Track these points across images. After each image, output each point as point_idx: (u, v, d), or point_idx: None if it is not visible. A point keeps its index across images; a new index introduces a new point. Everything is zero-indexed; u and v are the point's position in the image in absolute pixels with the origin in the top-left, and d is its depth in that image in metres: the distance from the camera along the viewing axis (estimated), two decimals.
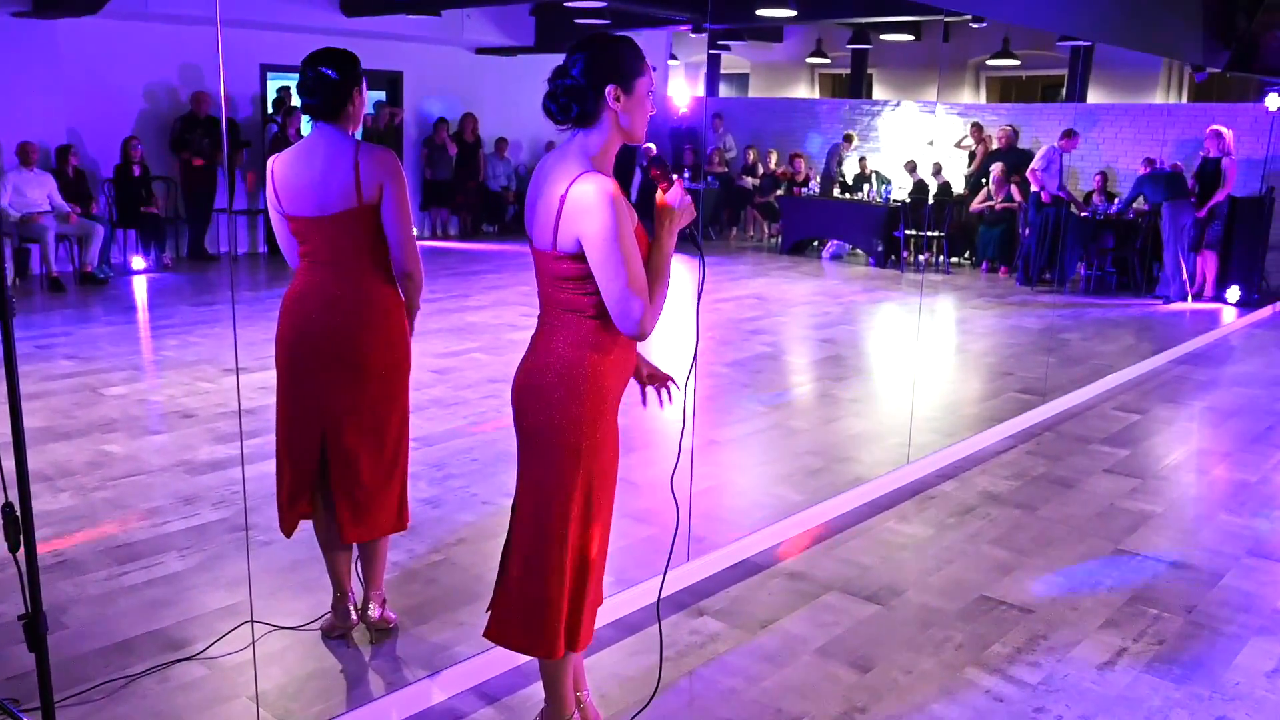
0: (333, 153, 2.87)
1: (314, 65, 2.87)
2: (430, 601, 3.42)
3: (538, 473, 2.38)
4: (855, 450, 5.21)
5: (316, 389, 2.94)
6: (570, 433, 2.31)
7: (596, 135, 2.26)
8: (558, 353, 2.31)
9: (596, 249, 2.19)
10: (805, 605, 3.49)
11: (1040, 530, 4.21)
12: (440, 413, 5.51)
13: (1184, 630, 3.39)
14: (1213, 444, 5.51)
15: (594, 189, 2.17)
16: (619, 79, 2.22)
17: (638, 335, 2.24)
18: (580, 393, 2.29)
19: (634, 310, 2.20)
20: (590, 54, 2.23)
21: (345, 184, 2.86)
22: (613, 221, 2.16)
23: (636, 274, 2.20)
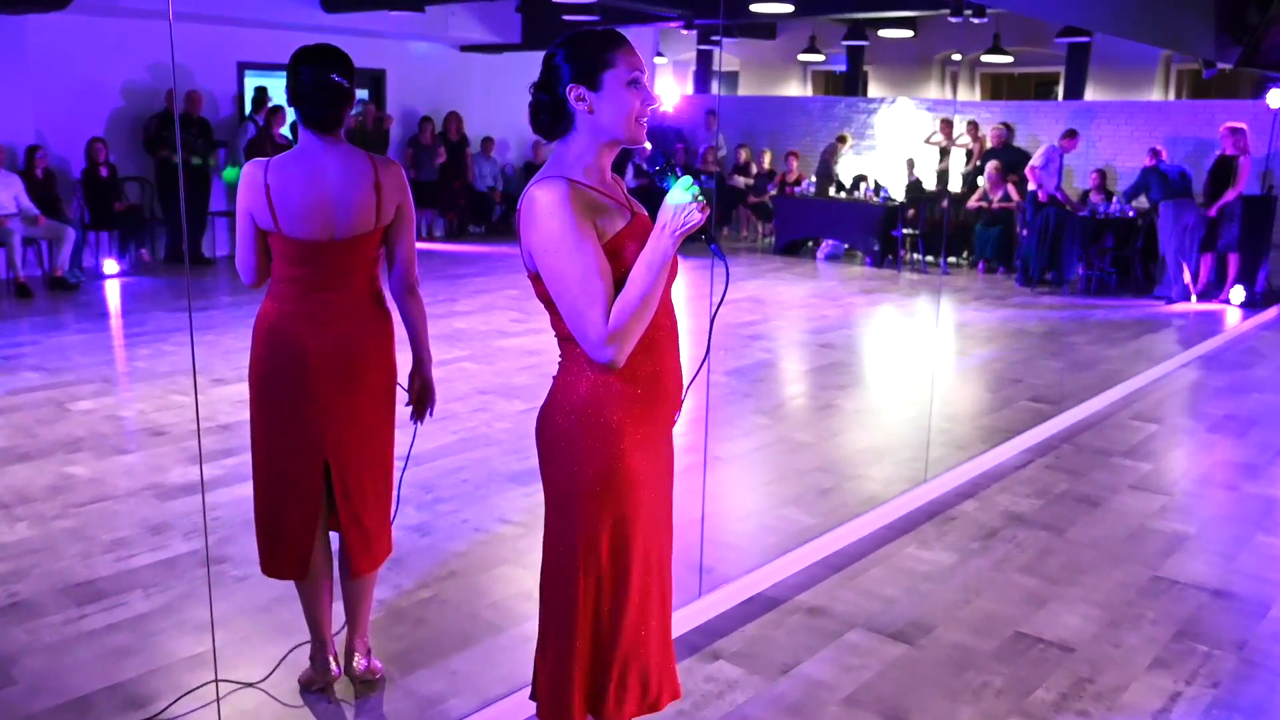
0: (349, 171, 2.60)
1: (320, 68, 2.55)
2: (420, 646, 3.13)
3: (551, 522, 2.09)
4: (866, 466, 4.95)
5: (318, 417, 2.67)
6: (580, 477, 2.00)
7: (573, 144, 1.99)
8: (565, 385, 2.03)
9: (542, 263, 1.91)
10: (827, 645, 3.22)
11: (1071, 555, 3.95)
12: (427, 428, 5.15)
13: (1238, 670, 3.13)
14: (1238, 456, 5.26)
15: (538, 194, 1.90)
16: (580, 77, 1.94)
17: (606, 359, 1.90)
18: (587, 429, 1.99)
19: (589, 329, 1.88)
20: (558, 54, 1.97)
21: (365, 207, 2.60)
22: (555, 226, 1.87)
23: (587, 286, 1.87)
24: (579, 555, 2.02)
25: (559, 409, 2.02)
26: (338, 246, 2.61)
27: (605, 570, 2.04)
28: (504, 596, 3.49)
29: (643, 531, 2.08)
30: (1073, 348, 7.75)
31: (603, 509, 2.01)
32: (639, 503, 2.05)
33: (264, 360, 2.69)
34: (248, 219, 2.63)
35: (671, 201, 1.91)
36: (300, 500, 2.73)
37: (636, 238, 1.98)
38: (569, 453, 2.00)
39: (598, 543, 2.02)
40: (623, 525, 2.03)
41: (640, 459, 2.05)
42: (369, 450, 2.75)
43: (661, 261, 1.91)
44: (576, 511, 2.01)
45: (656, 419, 2.08)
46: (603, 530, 2.02)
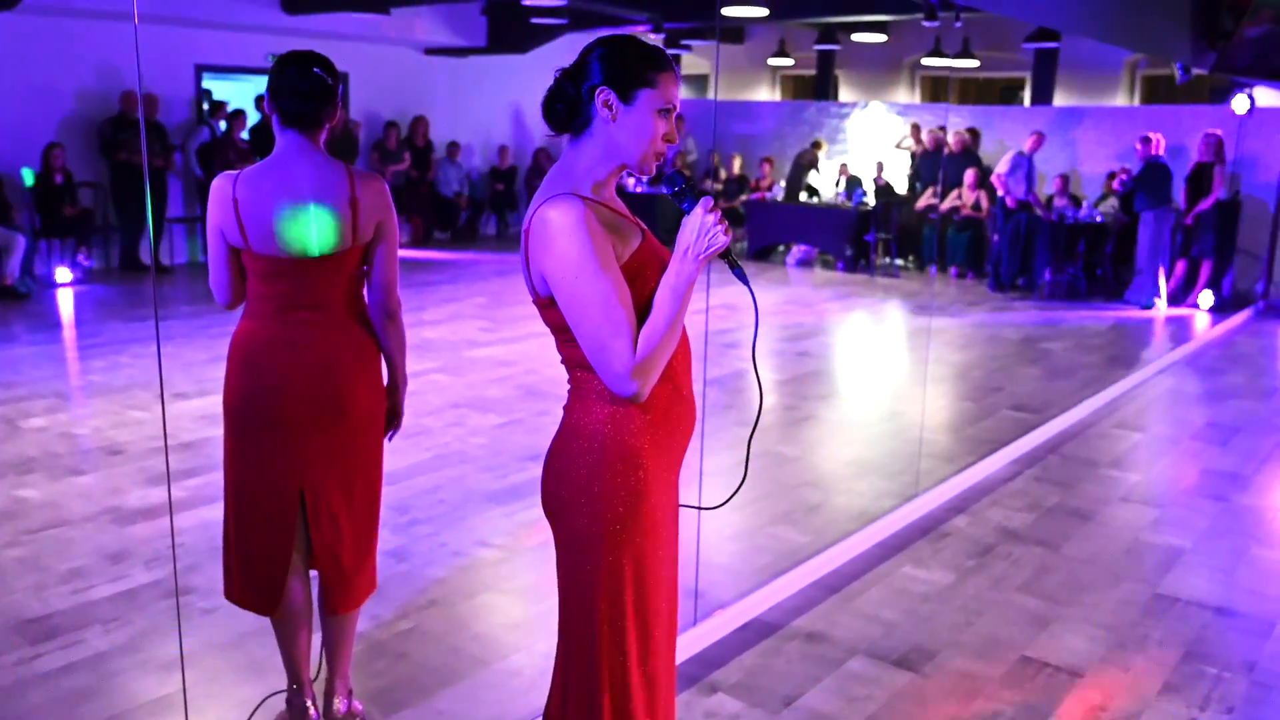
0: (324, 183, 2.43)
1: (303, 64, 2.40)
2: (401, 683, 2.96)
3: (563, 565, 1.92)
4: (854, 481, 4.83)
5: (295, 446, 2.50)
6: (593, 516, 1.84)
7: (587, 150, 1.84)
8: (580, 421, 1.87)
9: (559, 289, 1.76)
10: (830, 674, 3.09)
11: (1069, 573, 3.86)
12: (400, 444, 5.01)
13: (1251, 694, 3.04)
14: (1223, 465, 5.21)
15: (553, 214, 1.74)
16: (615, 83, 1.79)
17: (628, 393, 1.76)
18: (609, 464, 1.83)
19: (613, 361, 1.74)
20: (598, 51, 1.82)
21: (342, 223, 2.43)
22: (573, 249, 1.72)
23: (611, 313, 1.73)
24: (602, 600, 1.86)
25: (576, 444, 1.86)
26: (312, 264, 2.44)
27: (630, 615, 1.88)
28: (488, 627, 3.32)
29: (666, 570, 1.93)
30: (1049, 354, 7.71)
31: (626, 549, 1.85)
32: (660, 540, 1.90)
33: (239, 384, 2.52)
34: (218, 236, 2.45)
35: (693, 223, 1.78)
36: (273, 532, 2.55)
37: (653, 258, 1.84)
38: (589, 491, 1.84)
39: (622, 585, 1.86)
40: (646, 565, 1.88)
41: (660, 492, 1.90)
42: (350, 483, 2.58)
43: (686, 286, 1.78)
44: (599, 553, 1.85)
45: (674, 448, 1.94)
46: (626, 572, 1.86)
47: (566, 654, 1.93)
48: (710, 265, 1.97)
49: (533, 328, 8.17)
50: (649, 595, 1.89)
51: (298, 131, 2.42)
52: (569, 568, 1.90)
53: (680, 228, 1.83)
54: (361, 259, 2.52)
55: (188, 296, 8.83)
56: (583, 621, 1.88)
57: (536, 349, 7.09)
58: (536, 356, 6.82)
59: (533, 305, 1.89)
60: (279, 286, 2.45)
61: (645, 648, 1.91)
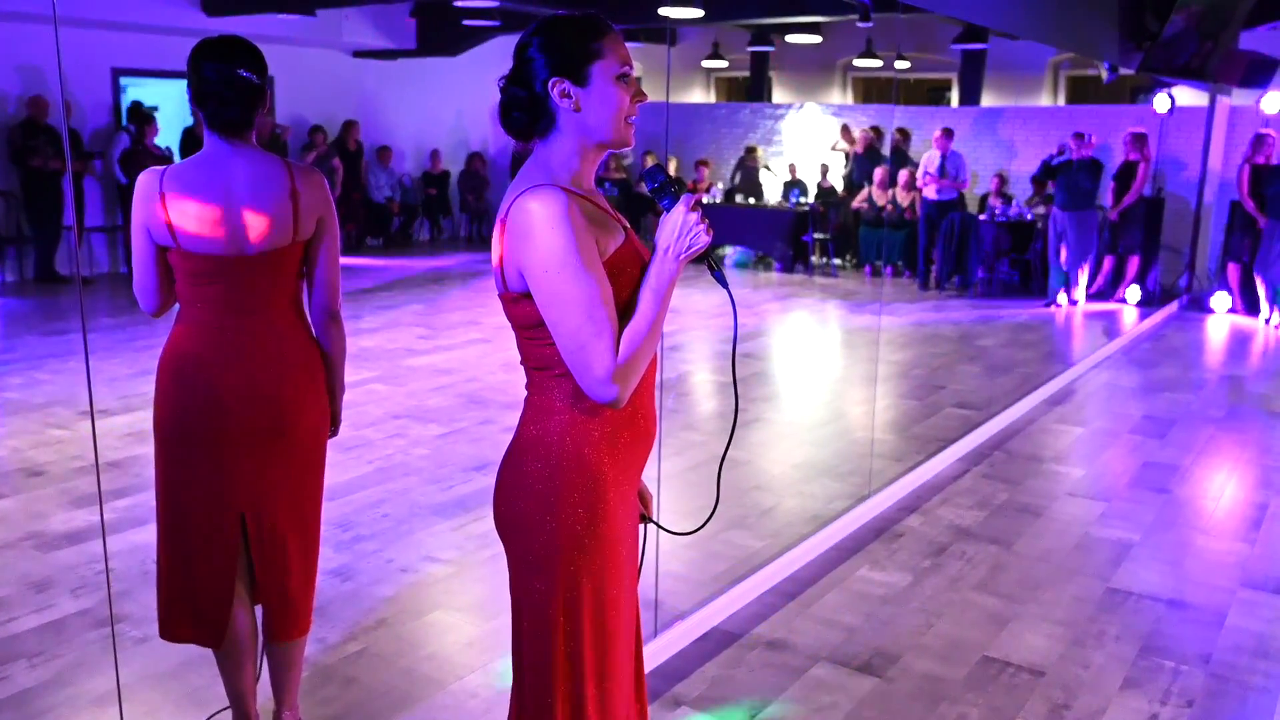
0: (261, 177, 2.29)
1: (225, 63, 2.24)
2: (352, 709, 2.83)
3: (517, 582, 1.82)
4: (804, 483, 4.80)
5: (230, 465, 2.35)
6: (552, 531, 1.74)
7: (557, 145, 1.74)
8: (537, 426, 1.76)
9: (538, 284, 1.64)
10: (794, 683, 3.03)
11: (1023, 570, 3.86)
12: (340, 458, 4.86)
13: (1209, 686, 3.06)
14: (1163, 458, 5.30)
15: (535, 205, 1.63)
16: (565, 69, 1.69)
17: (608, 398, 1.66)
18: (568, 476, 1.73)
19: (594, 363, 1.64)
20: (533, 42, 1.71)
21: (280, 217, 2.29)
22: (557, 244, 1.61)
23: (594, 313, 1.64)
24: (559, 620, 1.77)
25: (532, 456, 1.76)
26: (250, 263, 2.30)
27: (588, 635, 1.79)
28: (441, 646, 3.20)
29: (627, 589, 1.85)
30: (987, 351, 7.80)
31: (585, 568, 1.76)
32: (620, 558, 1.82)
33: (171, 398, 2.36)
34: (143, 234, 2.30)
35: (674, 221, 1.70)
36: (214, 559, 2.41)
37: (634, 257, 1.75)
38: (547, 507, 1.74)
39: (580, 606, 1.77)
40: (605, 584, 1.79)
41: (619, 507, 1.81)
42: (294, 504, 2.45)
43: (667, 287, 1.69)
44: (557, 572, 1.75)
45: (634, 462, 1.85)
46: (584, 591, 1.77)
47: (521, 675, 1.83)
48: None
49: (472, 334, 8.06)
50: (607, 615, 1.80)
51: (230, 134, 2.29)
52: (525, 587, 1.79)
53: (659, 226, 1.75)
54: (302, 258, 2.38)
55: (110, 308, 8.50)
56: (539, 642, 1.78)
57: (476, 356, 6.95)
58: (477, 364, 6.68)
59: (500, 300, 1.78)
60: (213, 290, 2.30)
61: (603, 669, 1.82)
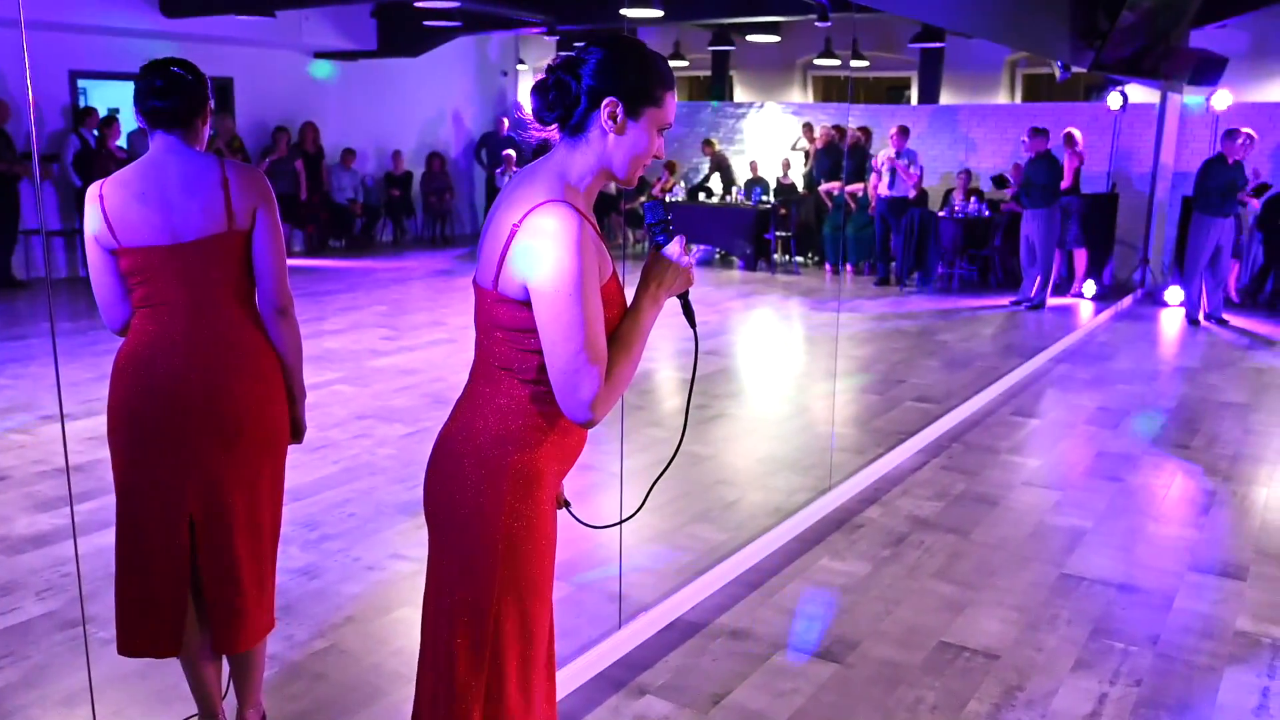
0: (192, 169, 2.32)
1: (161, 64, 2.33)
2: (320, 705, 2.86)
3: (444, 573, 1.83)
4: (767, 477, 4.88)
5: (181, 467, 2.36)
6: (489, 528, 1.77)
7: (581, 156, 1.76)
8: (484, 418, 1.79)
9: (545, 301, 1.67)
10: (756, 670, 3.10)
11: (980, 558, 3.96)
12: (306, 459, 4.87)
13: (1156, 666, 3.17)
14: (1116, 447, 5.43)
15: (555, 223, 1.66)
16: (625, 94, 1.71)
17: (584, 420, 1.70)
18: (506, 480, 1.76)
19: (583, 388, 1.67)
20: (600, 53, 1.73)
21: (212, 204, 2.31)
22: (572, 268, 1.65)
23: (594, 340, 1.67)
24: (489, 618, 1.79)
25: (476, 447, 1.78)
26: (187, 251, 2.31)
27: (514, 634, 1.81)
28: (409, 642, 3.22)
29: (547, 586, 1.88)
30: (946, 346, 7.93)
31: (519, 567, 1.79)
32: (548, 559, 1.85)
33: (122, 398, 2.37)
34: (94, 246, 2.34)
35: (669, 261, 1.79)
36: (167, 565, 2.40)
37: (618, 287, 1.81)
38: (485, 500, 1.76)
39: (509, 604, 1.80)
40: (536, 584, 1.82)
41: (550, 506, 1.86)
42: (251, 509, 2.44)
43: (652, 321, 1.77)
44: (493, 569, 1.78)
45: (564, 470, 1.90)
46: (513, 591, 1.80)
47: (437, 666, 1.84)
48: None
49: (437, 335, 8.07)
50: (533, 615, 1.84)
51: (166, 132, 2.33)
52: (451, 579, 1.81)
53: (652, 261, 1.81)
54: (244, 250, 2.38)
55: (69, 312, 8.42)
56: (464, 636, 1.80)
57: (441, 356, 6.97)
58: (441, 364, 6.70)
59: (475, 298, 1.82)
60: (157, 283, 2.33)
61: (526, 668, 1.85)
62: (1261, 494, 4.73)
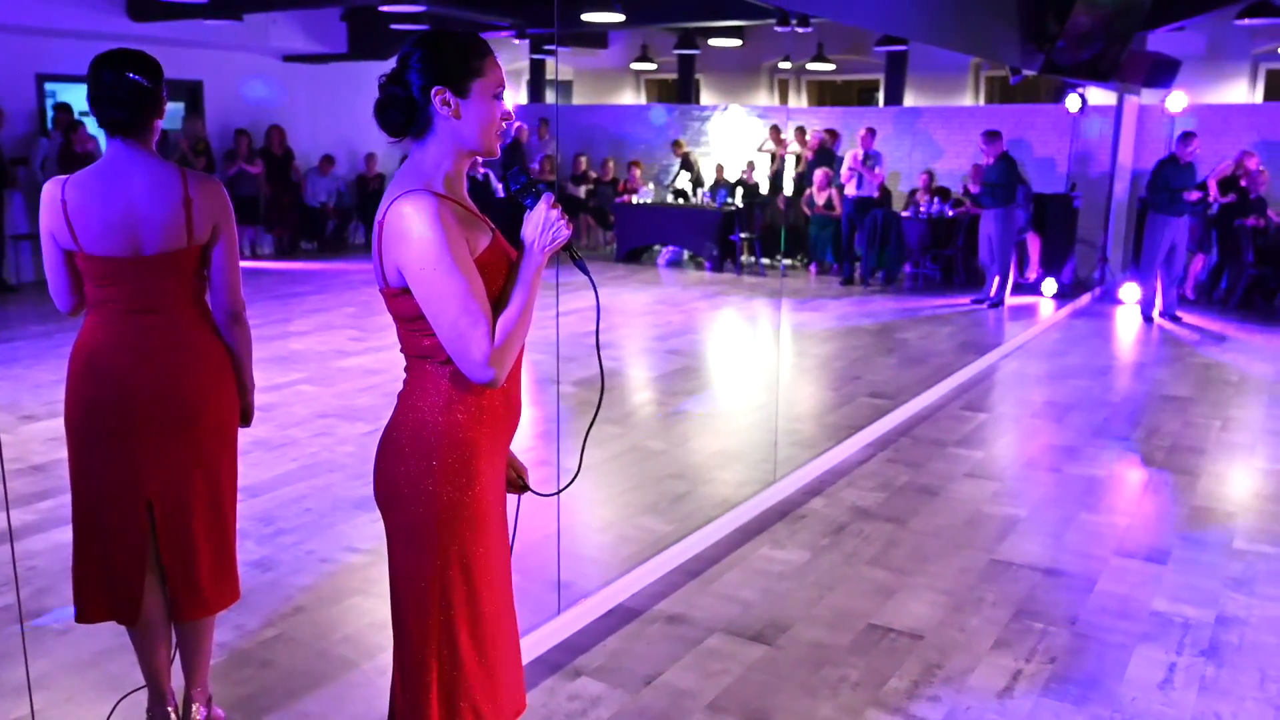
0: (155, 181, 2.43)
1: (117, 68, 2.39)
2: (267, 689, 2.96)
3: (396, 554, 1.99)
4: (717, 471, 5.01)
5: (138, 456, 2.49)
6: (427, 501, 1.92)
7: (432, 148, 1.91)
8: (414, 408, 1.94)
9: (415, 278, 1.83)
10: (689, 652, 3.23)
11: (915, 545, 4.10)
12: (265, 456, 4.97)
13: (1072, 644, 3.31)
14: (1059, 440, 5.60)
15: (410, 209, 1.81)
16: (448, 80, 1.87)
17: (486, 379, 1.85)
18: (438, 452, 1.91)
19: (474, 349, 1.82)
20: (416, 53, 1.89)
21: (174, 221, 2.42)
22: (431, 243, 1.80)
23: (472, 304, 1.82)
24: (434, 586, 1.94)
25: (409, 434, 1.93)
26: (148, 264, 2.43)
27: (461, 600, 1.96)
28: (356, 629, 3.34)
29: (497, 554, 2.02)
30: (905, 343, 8.08)
31: (459, 536, 1.94)
32: (490, 528, 1.99)
33: (79, 392, 2.50)
34: (49, 240, 2.45)
35: (537, 218, 1.91)
36: (125, 544, 2.54)
37: (501, 254, 1.94)
38: (423, 475, 1.91)
39: (454, 573, 1.94)
40: (478, 552, 1.97)
41: (492, 478, 2.00)
42: (203, 492, 2.57)
43: (534, 277, 1.90)
44: (434, 541, 1.92)
45: (503, 439, 2.04)
46: (458, 559, 1.94)
47: (402, 638, 1.99)
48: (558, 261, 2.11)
49: None
50: (479, 582, 1.97)
51: (124, 139, 2.43)
52: (403, 555, 1.96)
53: (524, 223, 1.95)
54: (200, 261, 2.51)
55: (35, 316, 8.46)
56: (415, 607, 1.95)
57: None
58: None
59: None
60: (116, 290, 2.44)
61: (478, 632, 1.98)
62: (1193, 483, 4.90)
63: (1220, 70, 12.17)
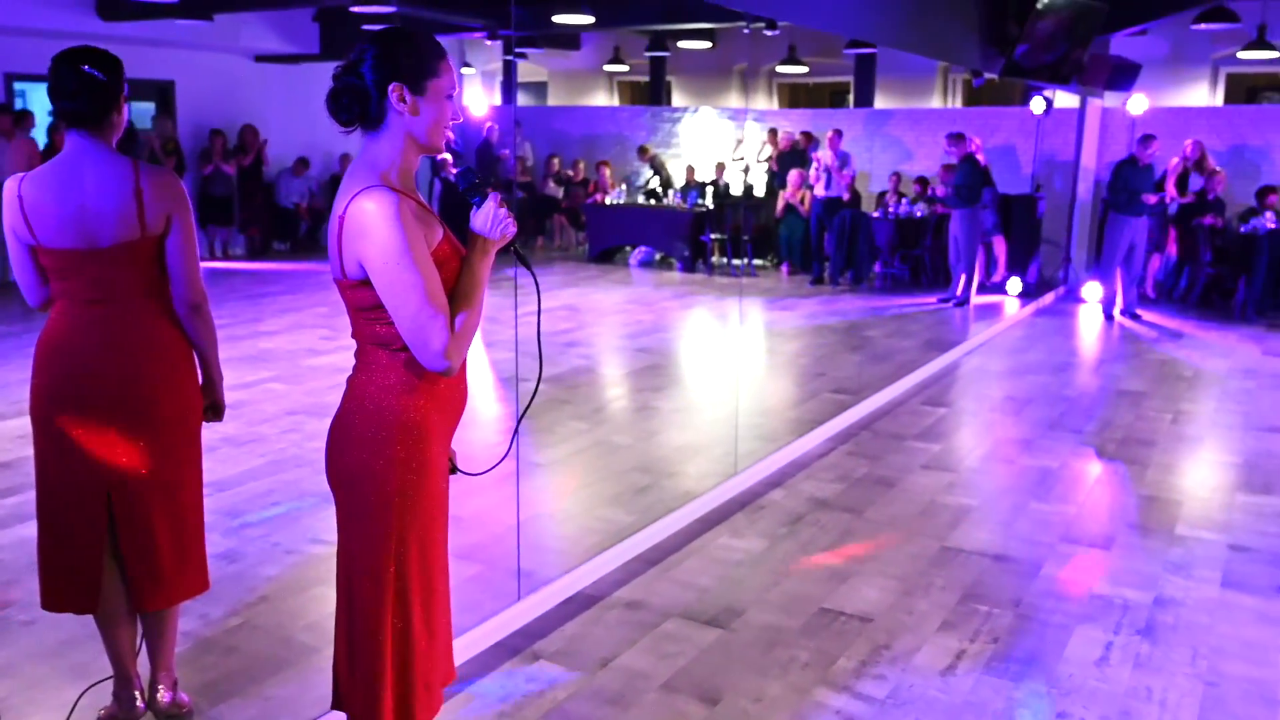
0: (106, 174, 2.49)
1: (73, 63, 2.46)
2: (231, 675, 3.03)
3: (348, 530, 2.07)
4: (681, 464, 5.10)
5: (98, 446, 2.55)
6: (382, 482, 2.01)
7: (385, 143, 2.00)
8: (369, 392, 2.03)
9: (378, 273, 1.92)
10: (645, 636, 3.32)
11: (869, 534, 4.21)
12: (233, 452, 5.03)
13: (1014, 625, 3.43)
14: (1015, 433, 5.73)
15: (373, 205, 1.91)
16: (405, 77, 1.96)
17: (442, 368, 1.95)
18: (393, 435, 2.00)
19: (433, 340, 1.93)
20: (375, 48, 1.97)
21: (125, 212, 2.48)
22: (394, 240, 1.89)
23: (432, 297, 1.92)
24: (389, 564, 2.02)
25: (362, 417, 2.02)
26: (102, 256, 2.49)
27: (415, 576, 2.05)
28: (321, 616, 3.41)
29: (443, 533, 2.11)
30: (870, 341, 8.22)
31: (411, 516, 2.02)
32: (439, 506, 2.09)
33: (40, 383, 2.56)
34: (11, 236, 2.53)
35: (485, 214, 2.01)
36: (84, 532, 2.59)
37: (453, 248, 2.03)
38: (376, 456, 2.00)
39: (409, 550, 2.03)
40: (429, 530, 2.06)
41: (441, 460, 2.09)
42: (164, 482, 2.62)
43: (486, 273, 2.00)
44: (388, 521, 2.01)
45: (451, 423, 2.13)
46: (412, 537, 2.03)
47: (351, 616, 2.07)
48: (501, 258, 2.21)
49: None
50: (430, 559, 2.07)
51: (80, 130, 2.49)
52: (357, 535, 2.05)
53: (473, 219, 2.04)
54: (156, 252, 2.56)
55: (2, 316, 8.45)
56: (370, 585, 2.03)
57: None
58: None
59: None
60: (74, 282, 2.51)
61: (429, 607, 2.08)
62: (1142, 473, 5.04)
63: (1181, 74, 12.41)
